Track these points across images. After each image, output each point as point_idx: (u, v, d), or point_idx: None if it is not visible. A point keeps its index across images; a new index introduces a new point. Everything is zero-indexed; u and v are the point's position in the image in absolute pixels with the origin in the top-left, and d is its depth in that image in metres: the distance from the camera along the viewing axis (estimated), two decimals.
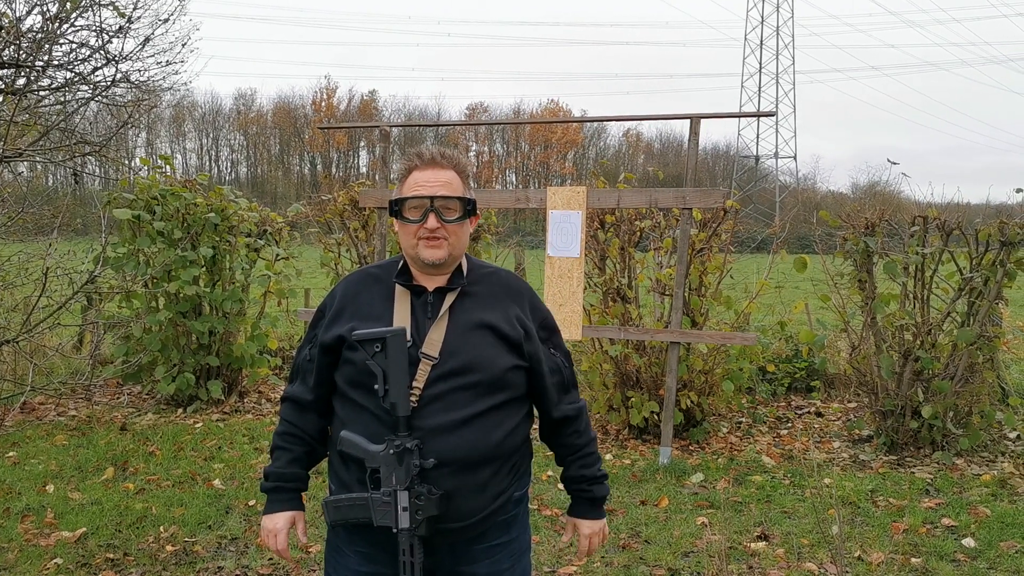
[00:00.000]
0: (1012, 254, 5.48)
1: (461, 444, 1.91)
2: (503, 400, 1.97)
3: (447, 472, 1.90)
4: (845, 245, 5.96)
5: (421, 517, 1.87)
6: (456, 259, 2.03)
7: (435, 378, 1.91)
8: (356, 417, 1.98)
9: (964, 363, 5.62)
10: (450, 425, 1.91)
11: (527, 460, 2.13)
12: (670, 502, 4.90)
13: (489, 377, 1.94)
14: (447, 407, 1.91)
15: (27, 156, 5.62)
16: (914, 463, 5.64)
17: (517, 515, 2.11)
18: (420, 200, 1.96)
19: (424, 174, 1.99)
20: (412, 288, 2.01)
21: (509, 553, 2.08)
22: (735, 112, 6.51)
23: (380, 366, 1.89)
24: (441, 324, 1.96)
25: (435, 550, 1.96)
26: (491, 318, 1.99)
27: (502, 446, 1.98)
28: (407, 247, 2.00)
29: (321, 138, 62.26)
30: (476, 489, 1.94)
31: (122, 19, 5.64)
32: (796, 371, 7.86)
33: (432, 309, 1.98)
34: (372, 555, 2.01)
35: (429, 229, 1.95)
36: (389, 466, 1.88)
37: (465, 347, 1.94)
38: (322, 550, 4.25)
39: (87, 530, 4.35)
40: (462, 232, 2.01)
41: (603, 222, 6.44)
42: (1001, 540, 4.25)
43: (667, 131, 70.14)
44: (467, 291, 2.02)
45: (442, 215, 1.96)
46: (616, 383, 6.33)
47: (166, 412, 7.07)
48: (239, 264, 7.42)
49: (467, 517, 1.95)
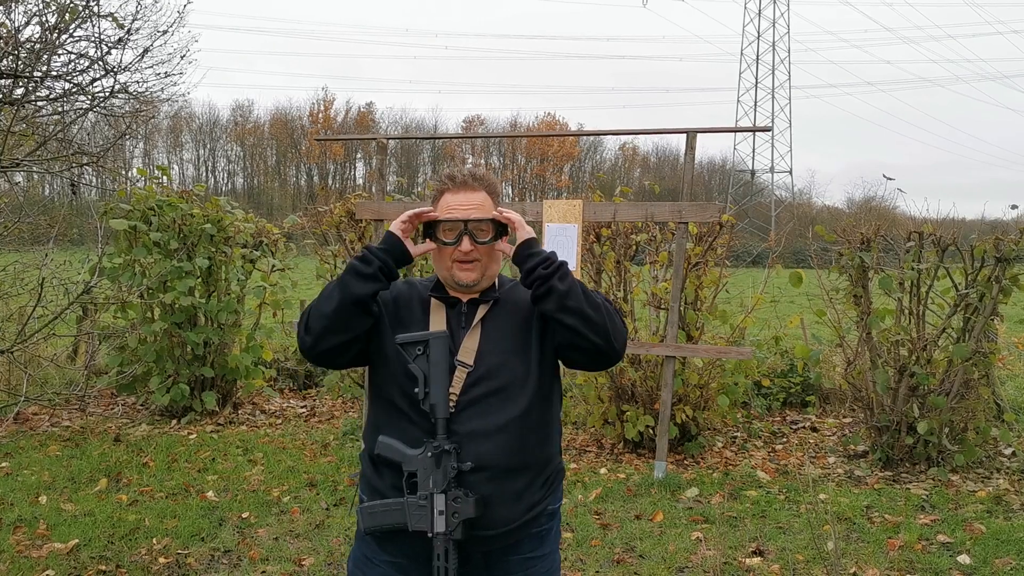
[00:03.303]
0: (1007, 270, 5.49)
1: (498, 450, 1.96)
2: (536, 407, 2.03)
3: (484, 477, 1.94)
4: (841, 260, 5.97)
5: (457, 520, 1.89)
6: (490, 279, 2.10)
7: (470, 384, 1.98)
8: (393, 422, 2.03)
9: (960, 379, 5.62)
10: (486, 431, 1.96)
11: (560, 476, 2.17)
12: (665, 517, 4.88)
13: (521, 384, 2.00)
14: (483, 412, 1.97)
15: (24, 166, 5.62)
16: (910, 479, 5.63)
17: (551, 530, 2.14)
18: (454, 223, 2.03)
19: (457, 196, 2.06)
20: (447, 300, 2.08)
21: (543, 569, 2.11)
22: (731, 127, 6.54)
23: (422, 369, 1.95)
24: (475, 333, 2.03)
25: (469, 558, 1.99)
26: (521, 326, 2.06)
27: (537, 454, 2.03)
28: (441, 268, 2.08)
29: (318, 150, 62.36)
30: (512, 497, 1.98)
31: (121, 30, 5.65)
32: (791, 386, 7.86)
33: (466, 319, 2.05)
34: (404, 565, 2.03)
35: (463, 252, 2.02)
36: (427, 469, 1.92)
37: (498, 355, 2.01)
38: (316, 563, 4.24)
39: (79, 542, 4.32)
40: (495, 252, 2.08)
41: (599, 235, 6.45)
42: (996, 557, 4.24)
43: (663, 145, 70.45)
44: (498, 302, 2.09)
45: (476, 237, 2.03)
46: (611, 397, 6.32)
47: (160, 423, 7.05)
48: (235, 275, 7.42)
49: (501, 525, 1.98)
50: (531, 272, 1.99)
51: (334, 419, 7.40)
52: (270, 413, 7.61)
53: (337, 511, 4.95)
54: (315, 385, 8.73)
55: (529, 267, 2.00)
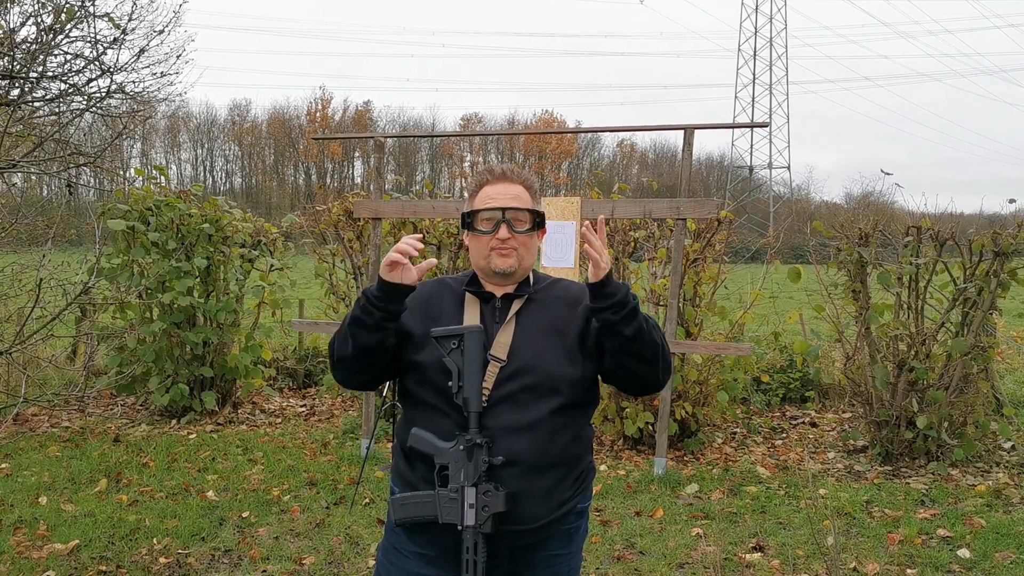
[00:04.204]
0: (1005, 264, 5.50)
1: (529, 446, 1.96)
2: (569, 404, 2.02)
3: (515, 472, 1.95)
4: (839, 255, 5.97)
5: (488, 513, 1.90)
6: (525, 270, 2.11)
7: (503, 379, 1.98)
8: (425, 416, 2.03)
9: (958, 373, 5.63)
10: (518, 426, 1.96)
11: (591, 475, 2.17)
12: (665, 513, 4.89)
13: (553, 380, 2.00)
14: (515, 408, 1.97)
15: (21, 167, 5.61)
16: (909, 473, 5.64)
17: (579, 528, 2.14)
18: (492, 212, 2.05)
19: (495, 188, 2.09)
20: (481, 295, 2.08)
21: (567, 568, 2.12)
22: (729, 123, 6.55)
23: (455, 363, 1.95)
24: (508, 328, 2.03)
25: (496, 553, 1.98)
26: (555, 323, 2.06)
27: (568, 452, 2.03)
28: (478, 257, 2.08)
29: (316, 149, 62.33)
30: (542, 493, 1.99)
31: (117, 30, 5.63)
32: (791, 381, 7.87)
33: (500, 314, 2.06)
34: (433, 558, 2.04)
35: (500, 239, 2.03)
36: (458, 462, 1.93)
37: (531, 350, 2.01)
38: (316, 562, 4.25)
39: (80, 542, 4.32)
40: (531, 243, 2.10)
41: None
42: (996, 551, 4.25)
43: (661, 142, 70.39)
44: (533, 298, 2.09)
45: (513, 226, 2.05)
46: (611, 394, 6.32)
47: (160, 423, 7.05)
48: (233, 275, 7.41)
49: (531, 521, 1.98)
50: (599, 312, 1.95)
51: (334, 418, 7.40)
52: (270, 412, 7.61)
53: (337, 510, 4.95)
54: (314, 384, 8.73)
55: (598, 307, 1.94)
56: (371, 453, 5.84)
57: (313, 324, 7.19)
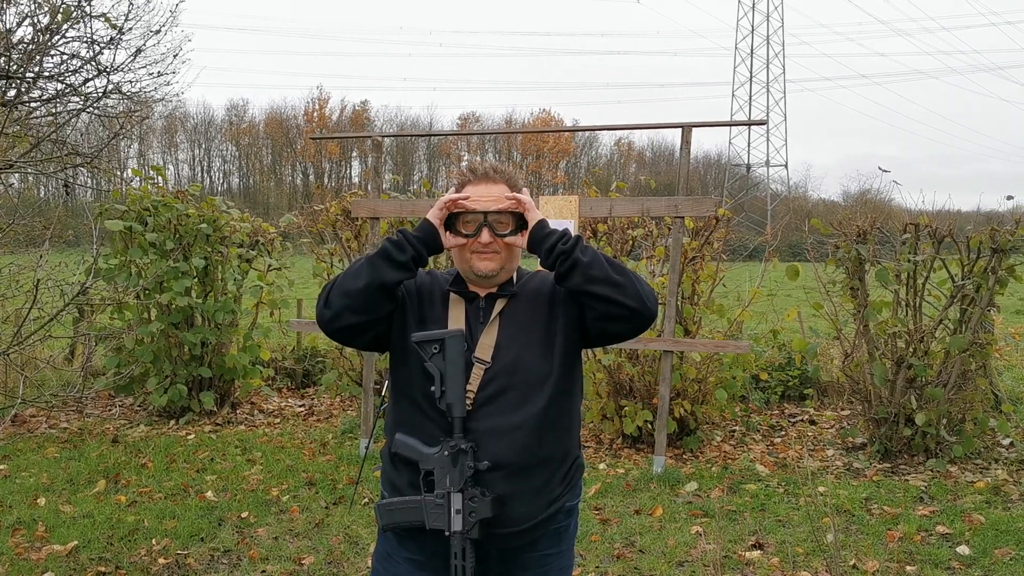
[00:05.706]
0: (1003, 261, 5.51)
1: (515, 447, 1.94)
2: (554, 403, 2.00)
3: (501, 475, 1.93)
4: (837, 253, 5.97)
5: (474, 519, 1.89)
6: (508, 272, 2.08)
7: (487, 381, 1.96)
8: (410, 420, 2.02)
9: (957, 370, 5.63)
10: (504, 428, 1.94)
11: (579, 471, 2.15)
12: (664, 511, 4.89)
13: (540, 379, 1.98)
14: (500, 410, 1.95)
15: (18, 167, 5.60)
16: (908, 471, 5.64)
17: (568, 527, 2.13)
18: (474, 215, 2.01)
19: (477, 188, 2.04)
20: (465, 295, 2.06)
21: (558, 567, 2.10)
22: (726, 121, 6.54)
23: (438, 368, 1.93)
24: (492, 328, 2.01)
25: (486, 556, 1.97)
26: (537, 317, 2.04)
27: (555, 449, 2.02)
28: (460, 260, 2.06)
29: (313, 148, 62.23)
30: (530, 494, 1.97)
31: (113, 30, 5.63)
32: (789, 379, 7.87)
33: (484, 314, 2.03)
34: (423, 563, 2.03)
35: (483, 243, 2.00)
36: (443, 468, 1.91)
37: (515, 350, 1.99)
38: (316, 562, 4.24)
39: (78, 543, 4.31)
40: (514, 247, 2.05)
41: (595, 231, 6.44)
42: (995, 547, 4.25)
43: (659, 140, 70.35)
44: (516, 296, 2.07)
45: (495, 229, 2.00)
46: (609, 392, 6.32)
47: (158, 424, 7.04)
48: (231, 275, 7.40)
49: (520, 522, 1.97)
50: (551, 250, 1.95)
51: (332, 418, 7.40)
52: (268, 412, 7.60)
53: (336, 510, 4.95)
54: (313, 384, 8.73)
55: (548, 246, 1.96)
56: (370, 453, 5.84)
57: (311, 324, 7.17)
